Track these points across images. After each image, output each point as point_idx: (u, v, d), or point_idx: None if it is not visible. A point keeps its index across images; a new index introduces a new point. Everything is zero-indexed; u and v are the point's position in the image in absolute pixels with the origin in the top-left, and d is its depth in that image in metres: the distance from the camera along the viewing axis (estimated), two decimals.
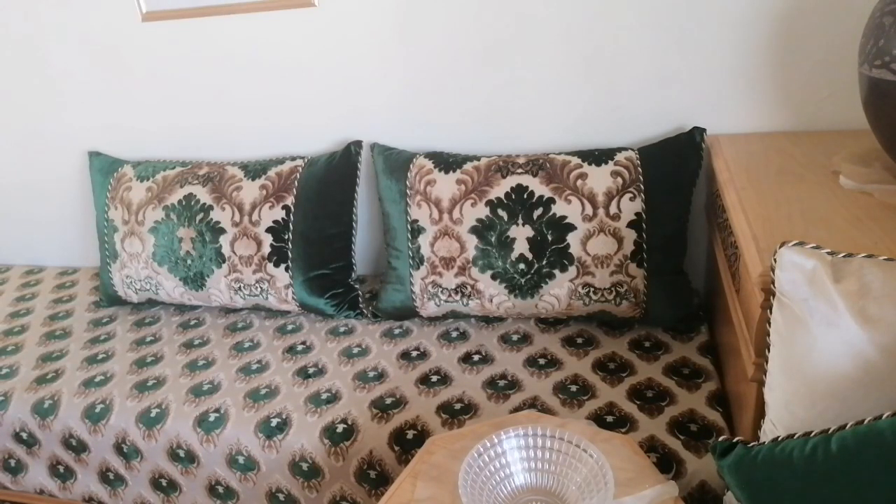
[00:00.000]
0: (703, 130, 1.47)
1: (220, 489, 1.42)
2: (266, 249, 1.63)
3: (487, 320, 1.60)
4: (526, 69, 1.57)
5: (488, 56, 1.59)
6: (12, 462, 1.61)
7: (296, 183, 1.65)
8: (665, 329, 1.49)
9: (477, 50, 1.59)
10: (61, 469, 1.56)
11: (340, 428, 1.32)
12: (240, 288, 1.67)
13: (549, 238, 1.44)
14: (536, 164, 1.48)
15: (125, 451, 1.46)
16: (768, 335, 0.91)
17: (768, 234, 1.04)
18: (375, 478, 1.30)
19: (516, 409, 1.29)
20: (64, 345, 1.73)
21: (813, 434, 0.78)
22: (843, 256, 0.85)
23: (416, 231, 1.54)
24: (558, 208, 1.44)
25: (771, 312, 0.90)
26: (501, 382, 1.38)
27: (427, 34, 1.60)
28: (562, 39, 1.53)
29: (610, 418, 1.25)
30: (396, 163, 1.61)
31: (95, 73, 1.87)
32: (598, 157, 1.47)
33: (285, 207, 1.63)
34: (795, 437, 0.80)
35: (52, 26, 1.85)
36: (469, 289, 1.52)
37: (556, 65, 1.55)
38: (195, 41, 1.76)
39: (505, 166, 1.50)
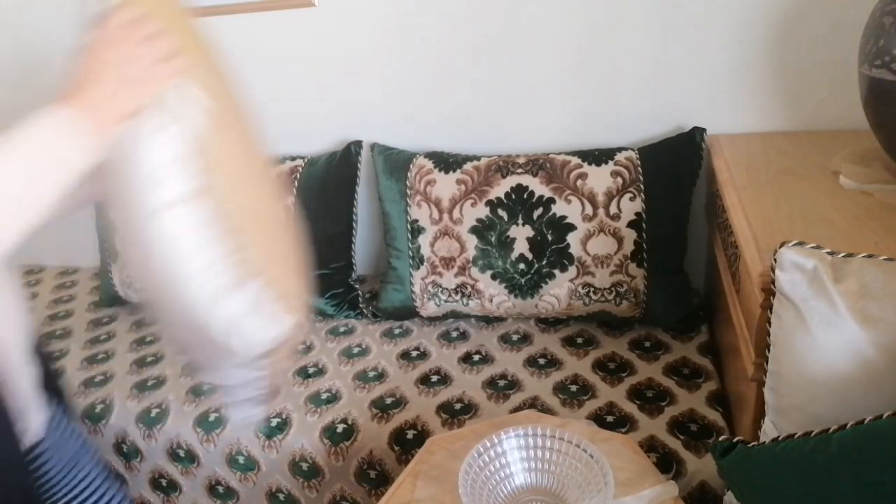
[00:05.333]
0: (703, 130, 1.47)
1: (220, 489, 1.42)
2: None
3: (487, 320, 1.60)
4: (526, 69, 1.57)
5: (488, 56, 1.59)
6: None
7: (296, 183, 1.65)
8: (665, 329, 1.49)
9: (477, 51, 1.59)
10: None
11: (340, 428, 1.32)
12: None
13: (549, 238, 1.44)
14: (536, 164, 1.48)
15: (125, 450, 1.46)
16: (768, 335, 0.91)
17: (768, 234, 1.04)
18: (375, 478, 1.30)
19: (516, 409, 1.29)
20: (64, 345, 1.73)
21: (813, 434, 0.78)
22: (844, 256, 0.85)
23: (416, 231, 1.54)
24: (558, 208, 1.44)
25: (771, 312, 0.90)
26: (501, 382, 1.38)
27: (426, 34, 1.60)
28: (562, 38, 1.53)
29: (610, 418, 1.25)
30: (396, 163, 1.61)
31: None
32: (598, 156, 1.47)
33: (285, 207, 1.63)
34: (795, 437, 0.80)
35: (53, 26, 1.85)
36: (469, 289, 1.51)
37: (556, 64, 1.55)
38: None
39: (505, 166, 1.50)
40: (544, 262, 1.45)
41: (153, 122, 0.69)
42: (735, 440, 0.85)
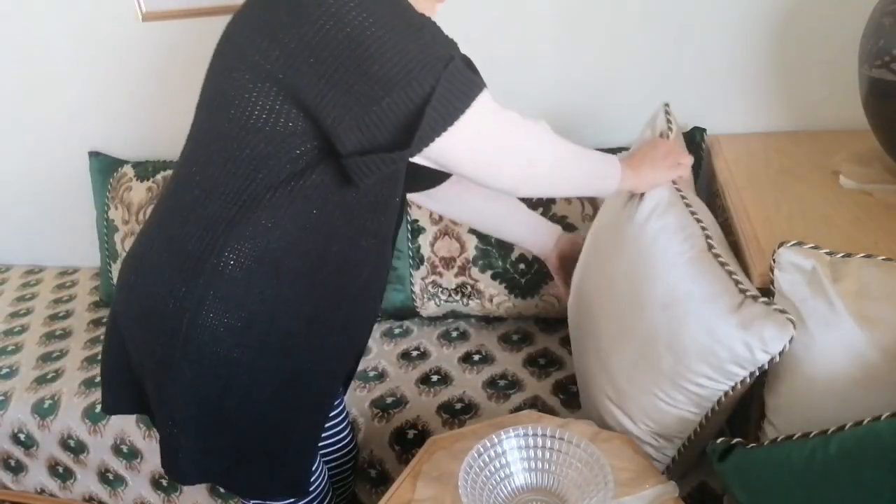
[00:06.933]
0: (703, 130, 1.47)
1: (221, 489, 1.42)
2: None
3: (487, 320, 1.60)
4: (526, 68, 1.57)
5: (489, 55, 1.58)
6: (12, 462, 1.61)
7: None
8: None
9: (477, 49, 1.58)
10: (60, 470, 1.56)
11: None
12: None
13: None
14: None
15: (125, 451, 1.46)
16: None
17: (768, 234, 1.04)
18: (375, 477, 1.30)
19: (516, 409, 1.29)
20: (64, 345, 1.73)
21: (812, 435, 0.78)
22: (842, 256, 0.85)
23: (416, 231, 1.54)
24: (558, 208, 1.44)
25: None
26: (501, 382, 1.38)
27: None
28: (561, 38, 1.53)
29: None
30: None
31: (96, 73, 1.87)
32: None
33: None
34: (794, 437, 0.80)
35: (52, 26, 1.85)
36: (469, 289, 1.52)
37: (556, 64, 1.55)
38: (195, 41, 1.76)
39: None
40: None
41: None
42: (734, 441, 0.85)
